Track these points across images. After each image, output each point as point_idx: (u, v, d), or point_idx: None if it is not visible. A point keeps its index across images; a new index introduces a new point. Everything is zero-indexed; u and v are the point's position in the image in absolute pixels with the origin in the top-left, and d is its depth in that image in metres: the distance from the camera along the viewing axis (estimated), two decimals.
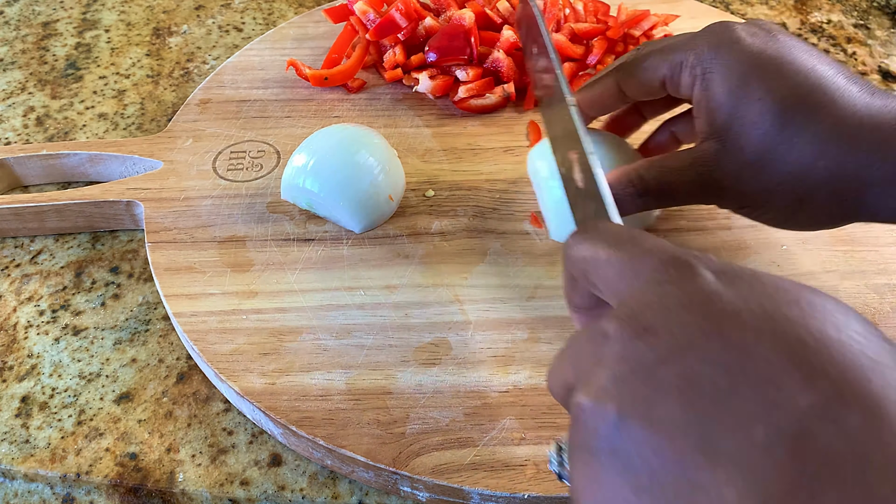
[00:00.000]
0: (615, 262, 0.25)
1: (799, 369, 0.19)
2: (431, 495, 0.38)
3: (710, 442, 0.19)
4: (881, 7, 0.72)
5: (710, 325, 0.21)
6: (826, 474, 0.17)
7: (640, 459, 0.20)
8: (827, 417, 0.18)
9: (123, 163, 0.53)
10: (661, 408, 0.20)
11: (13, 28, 0.69)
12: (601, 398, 0.21)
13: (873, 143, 0.34)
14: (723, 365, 0.19)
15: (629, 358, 0.21)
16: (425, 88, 0.56)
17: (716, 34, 0.38)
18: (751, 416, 0.18)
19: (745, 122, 0.36)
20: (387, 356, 0.41)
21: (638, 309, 0.22)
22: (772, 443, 0.18)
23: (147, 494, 0.39)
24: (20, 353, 0.45)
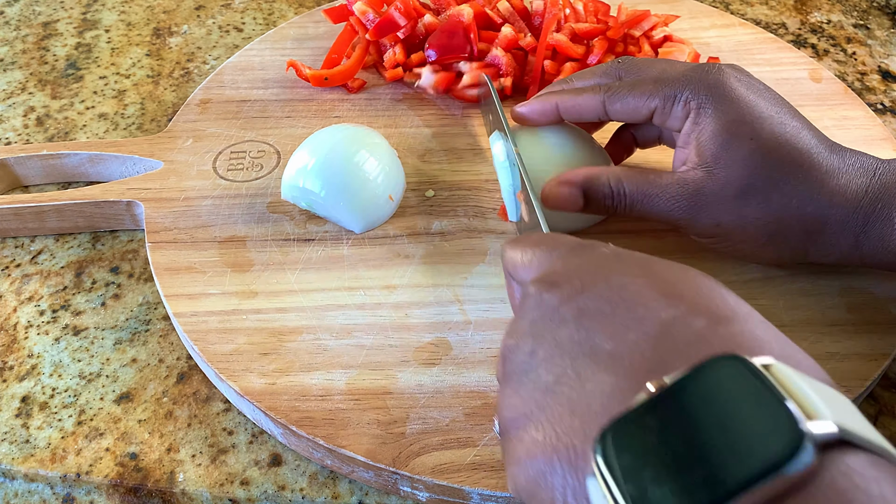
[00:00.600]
0: (537, 253, 0.31)
1: (663, 295, 0.25)
2: (431, 495, 0.38)
3: (595, 348, 0.24)
4: (881, 7, 0.72)
5: (598, 275, 0.27)
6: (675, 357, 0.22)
7: (546, 371, 0.25)
8: (681, 322, 0.23)
9: (123, 163, 0.53)
10: (562, 333, 0.26)
11: (13, 28, 0.69)
12: (519, 337, 0.27)
13: (832, 192, 0.39)
14: (606, 298, 0.25)
15: (540, 306, 0.27)
16: (428, 83, 0.56)
17: (711, 75, 0.41)
18: (625, 327, 0.24)
19: (733, 161, 0.39)
20: (387, 356, 0.41)
21: (549, 273, 0.28)
22: (639, 341, 0.23)
23: (147, 494, 0.39)
24: (20, 353, 0.45)
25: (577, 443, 0.22)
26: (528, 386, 0.26)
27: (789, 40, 0.67)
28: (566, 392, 0.24)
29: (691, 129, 0.40)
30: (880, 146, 0.53)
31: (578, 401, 0.23)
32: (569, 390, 0.24)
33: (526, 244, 0.32)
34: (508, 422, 0.26)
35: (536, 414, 0.24)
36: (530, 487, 0.24)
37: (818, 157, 0.39)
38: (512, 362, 0.27)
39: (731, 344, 0.22)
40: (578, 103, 0.44)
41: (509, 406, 0.26)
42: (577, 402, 0.23)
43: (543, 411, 0.24)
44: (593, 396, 0.23)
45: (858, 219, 0.39)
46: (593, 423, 0.22)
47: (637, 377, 0.22)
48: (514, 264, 0.32)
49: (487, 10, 0.58)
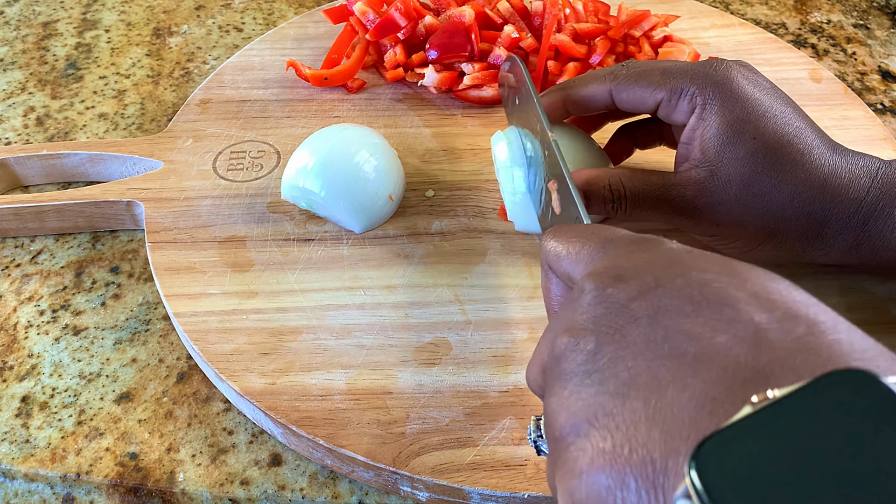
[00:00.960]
0: (587, 244, 0.28)
1: (754, 297, 0.22)
2: (431, 495, 0.38)
3: (676, 349, 0.22)
4: (881, 7, 0.72)
5: (674, 270, 0.24)
6: (778, 367, 0.20)
7: (615, 373, 0.22)
8: (778, 328, 0.21)
9: (123, 163, 0.53)
10: (634, 332, 0.23)
11: (13, 28, 0.69)
12: (580, 335, 0.24)
13: (833, 192, 0.39)
14: (686, 296, 0.23)
15: (603, 302, 0.24)
16: (431, 82, 0.56)
17: (718, 70, 0.40)
18: (713, 329, 0.21)
19: (737, 158, 0.39)
20: (387, 356, 0.41)
21: (610, 267, 0.26)
22: (731, 345, 0.21)
23: (147, 494, 0.39)
24: (20, 353, 0.45)
25: (657, 456, 0.20)
26: (592, 388, 0.23)
27: (789, 40, 0.67)
28: (642, 397, 0.21)
29: (696, 124, 0.40)
30: (880, 146, 0.53)
31: (658, 408, 0.21)
32: (645, 395, 0.21)
33: (572, 235, 0.29)
34: (565, 428, 0.23)
35: (603, 421, 0.22)
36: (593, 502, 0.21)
37: (820, 157, 0.39)
38: (569, 360, 0.24)
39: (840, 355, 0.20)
40: (585, 94, 0.44)
41: (567, 410, 0.23)
42: (657, 410, 0.21)
43: (612, 418, 0.22)
44: (677, 404, 0.20)
45: (859, 218, 0.39)
46: (678, 434, 0.20)
47: (733, 385, 0.20)
48: (557, 256, 0.29)
49: (488, 10, 0.58)
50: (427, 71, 0.56)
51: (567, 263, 0.29)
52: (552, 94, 0.45)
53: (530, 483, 0.36)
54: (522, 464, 0.37)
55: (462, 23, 0.56)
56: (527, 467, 0.37)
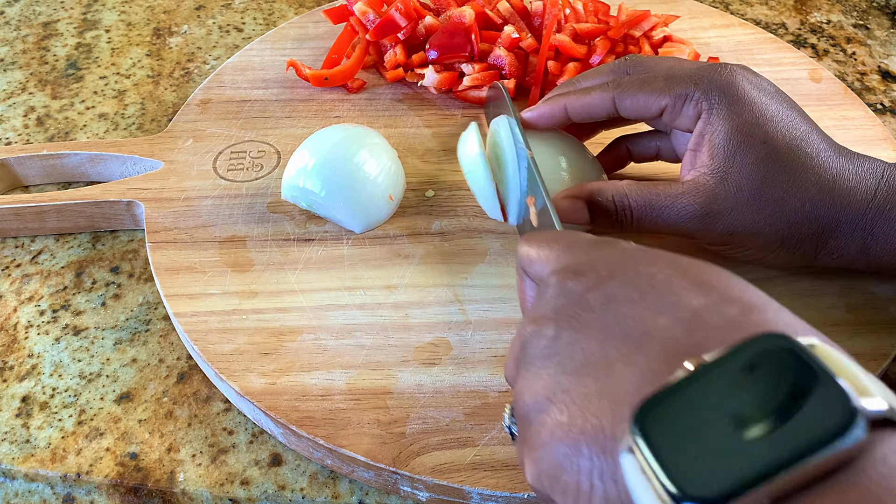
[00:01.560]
0: (555, 248, 0.30)
1: (694, 285, 0.25)
2: (431, 495, 0.38)
3: (624, 331, 0.24)
4: (881, 7, 0.72)
5: (625, 264, 0.27)
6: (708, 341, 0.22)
7: (572, 354, 0.25)
8: (714, 310, 0.23)
9: (124, 163, 0.53)
10: (588, 318, 0.25)
11: (13, 28, 0.69)
12: (542, 322, 0.27)
13: (842, 195, 0.39)
14: (634, 286, 0.25)
15: (564, 293, 0.27)
16: (431, 82, 0.56)
17: (723, 75, 0.40)
18: (656, 312, 0.24)
19: (746, 165, 0.39)
20: (387, 356, 0.41)
21: (571, 264, 0.28)
22: (671, 325, 0.23)
23: (147, 494, 0.39)
24: (20, 353, 0.45)
25: (606, 424, 0.22)
26: (552, 369, 0.25)
27: (789, 40, 0.67)
28: (593, 374, 0.24)
29: (703, 130, 0.40)
30: (880, 146, 0.53)
31: (607, 383, 0.23)
32: (596, 372, 0.24)
33: (542, 240, 0.31)
34: (529, 407, 0.25)
35: (560, 397, 0.24)
36: (553, 472, 0.24)
37: (828, 160, 0.39)
38: (533, 346, 0.26)
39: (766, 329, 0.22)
40: (588, 102, 0.43)
41: (530, 390, 0.26)
42: (606, 384, 0.23)
43: (568, 394, 0.24)
44: (623, 378, 0.23)
45: (867, 221, 0.39)
46: (624, 403, 0.22)
47: (671, 359, 0.22)
48: (529, 260, 0.32)
49: (488, 10, 0.58)
50: (427, 71, 0.56)
51: (538, 266, 0.31)
52: (553, 100, 0.45)
53: None
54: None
55: (462, 23, 0.56)
56: None
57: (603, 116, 0.44)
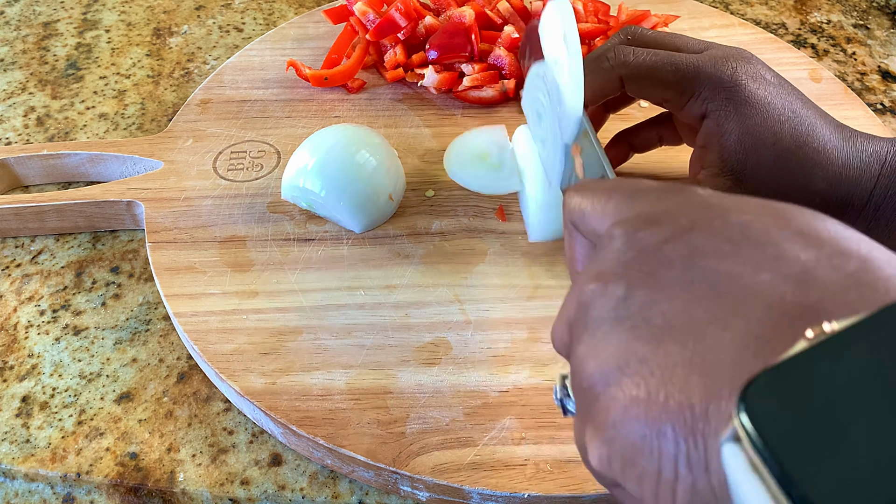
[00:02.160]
0: (615, 198, 0.26)
1: (799, 235, 0.20)
2: (431, 495, 0.38)
3: (715, 290, 0.20)
4: (881, 7, 0.72)
5: (711, 212, 0.22)
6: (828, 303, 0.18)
7: (648, 318, 0.21)
8: (828, 265, 0.19)
9: (124, 163, 0.53)
10: (667, 275, 0.21)
11: (14, 28, 0.69)
12: (608, 279, 0.22)
13: (848, 183, 0.40)
14: (725, 236, 0.21)
15: (634, 246, 0.23)
16: (431, 82, 0.56)
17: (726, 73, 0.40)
18: (755, 268, 0.20)
19: (760, 167, 0.39)
20: (387, 356, 0.41)
21: (640, 213, 0.24)
22: (776, 283, 0.19)
23: (147, 494, 0.39)
24: (21, 353, 0.45)
25: (697, 401, 0.19)
26: (623, 335, 0.21)
27: (789, 40, 0.67)
28: (678, 341, 0.20)
29: (711, 130, 0.41)
30: None
31: (696, 351, 0.19)
32: (682, 339, 0.20)
33: (598, 188, 0.27)
34: (595, 378, 0.22)
35: (636, 367, 0.20)
36: (628, 455, 0.20)
37: (834, 150, 0.40)
38: (598, 308, 0.22)
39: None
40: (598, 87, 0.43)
41: (595, 359, 0.22)
42: (695, 353, 0.19)
43: (646, 363, 0.20)
44: (718, 346, 0.19)
45: (870, 207, 0.40)
46: (719, 377, 0.18)
47: (780, 324, 0.18)
48: (582, 212, 0.27)
49: (487, 10, 0.58)
50: (427, 71, 0.56)
51: (593, 218, 0.26)
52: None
53: (530, 483, 0.36)
54: (522, 464, 0.37)
55: (462, 23, 0.56)
56: (527, 467, 0.37)
57: (613, 94, 0.44)
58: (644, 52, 0.42)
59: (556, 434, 0.38)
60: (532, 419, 0.39)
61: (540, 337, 0.42)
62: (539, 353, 0.42)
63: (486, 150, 0.49)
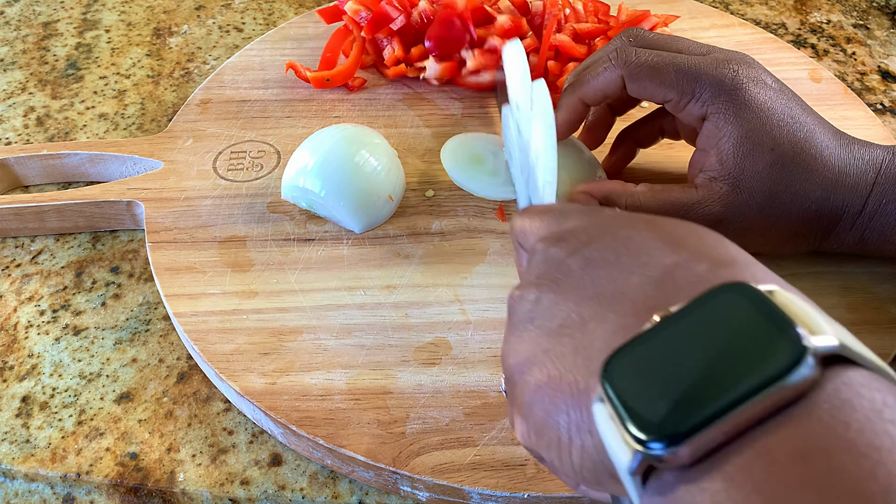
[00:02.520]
0: (545, 219, 0.31)
1: (667, 244, 0.25)
2: (431, 495, 0.38)
3: (598, 291, 0.25)
4: (881, 7, 0.72)
5: (605, 229, 0.28)
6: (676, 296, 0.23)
7: (551, 316, 0.26)
8: (684, 267, 0.24)
9: (124, 163, 0.53)
10: (567, 282, 0.26)
11: (13, 28, 0.69)
12: (525, 288, 0.28)
13: (844, 189, 0.40)
14: (611, 248, 0.26)
15: (547, 259, 0.28)
16: (433, 73, 0.56)
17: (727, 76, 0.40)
18: (628, 272, 0.25)
19: (757, 172, 0.40)
20: (387, 356, 0.41)
21: (556, 231, 0.29)
22: (642, 283, 0.24)
23: (147, 494, 0.39)
24: (20, 353, 0.45)
25: (581, 379, 0.23)
26: (533, 332, 0.26)
27: (789, 40, 0.67)
28: (569, 333, 0.25)
29: (711, 133, 0.41)
30: None
31: (581, 340, 0.24)
32: (571, 331, 0.25)
33: (534, 212, 0.33)
34: (513, 368, 0.27)
35: (540, 357, 0.25)
36: (538, 428, 0.25)
37: (831, 157, 0.40)
38: (517, 311, 0.28)
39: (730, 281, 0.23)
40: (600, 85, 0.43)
41: (514, 353, 0.27)
42: (580, 342, 0.24)
43: (547, 353, 0.25)
44: (596, 335, 0.24)
45: (865, 214, 0.41)
46: (596, 358, 0.23)
47: (640, 314, 0.23)
48: (523, 232, 0.33)
49: (487, 7, 0.58)
50: (428, 63, 0.56)
51: (529, 236, 0.32)
52: (568, 98, 0.45)
53: (530, 483, 0.36)
54: (522, 464, 0.37)
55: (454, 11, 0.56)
56: (527, 467, 0.37)
57: (615, 95, 0.44)
58: (646, 53, 0.42)
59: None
60: None
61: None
62: None
63: (482, 155, 0.51)
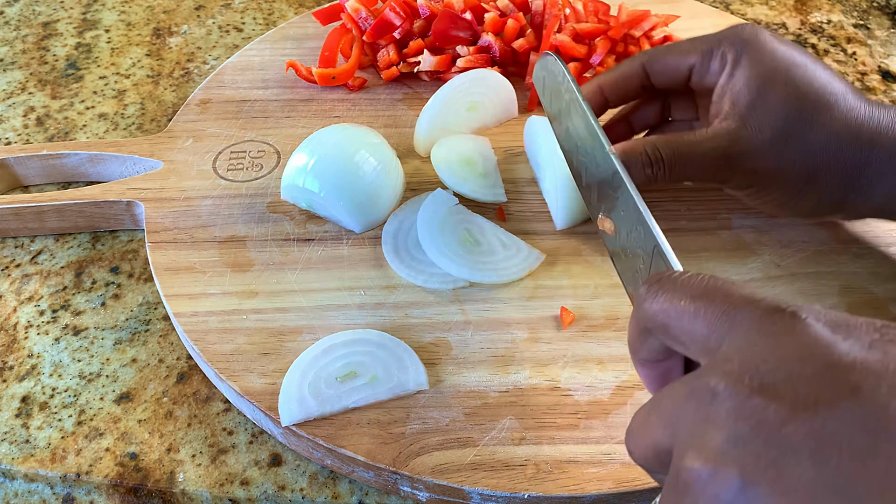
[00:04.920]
0: (705, 313, 0.23)
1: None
2: (431, 495, 0.38)
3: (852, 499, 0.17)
4: (881, 7, 0.72)
5: (837, 379, 0.19)
6: None
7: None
8: None
9: (123, 163, 0.53)
10: (793, 470, 0.18)
11: (13, 28, 0.69)
12: (720, 462, 0.20)
13: (869, 138, 0.39)
14: (859, 422, 0.18)
15: (748, 417, 0.20)
16: (428, 65, 0.57)
17: (746, 30, 0.42)
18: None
19: (768, 106, 0.40)
20: None
21: (747, 363, 0.21)
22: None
23: (147, 494, 0.39)
24: (20, 353, 0.45)
25: None
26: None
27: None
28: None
29: (726, 80, 0.41)
30: None
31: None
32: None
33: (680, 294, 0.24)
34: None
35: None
36: None
37: (855, 104, 0.40)
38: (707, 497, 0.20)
39: None
40: (621, 75, 0.45)
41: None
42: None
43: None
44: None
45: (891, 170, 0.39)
46: None
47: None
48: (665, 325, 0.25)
49: (484, 4, 0.59)
50: (423, 56, 0.57)
51: (678, 331, 0.24)
52: (588, 86, 0.46)
53: (530, 483, 0.36)
54: (522, 464, 0.37)
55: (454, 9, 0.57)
56: (527, 467, 0.37)
57: (637, 87, 0.45)
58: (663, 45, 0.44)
59: (556, 434, 0.38)
60: (532, 419, 0.39)
61: (540, 337, 0.42)
62: (539, 353, 0.42)
63: (472, 157, 0.51)
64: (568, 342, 0.42)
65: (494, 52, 0.57)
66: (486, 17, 0.57)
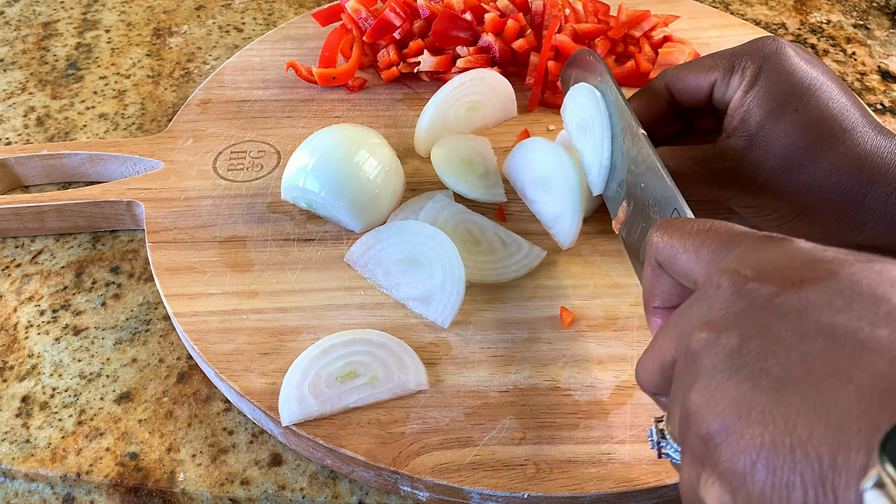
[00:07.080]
0: (709, 243, 0.27)
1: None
2: (431, 495, 0.38)
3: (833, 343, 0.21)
4: (881, 7, 0.72)
5: (819, 266, 0.23)
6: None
7: (766, 369, 0.21)
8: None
9: (124, 163, 0.53)
10: (781, 327, 0.22)
11: (14, 28, 0.69)
12: (720, 329, 0.23)
13: (869, 176, 0.39)
14: (836, 291, 0.22)
15: (745, 296, 0.23)
16: (428, 65, 0.57)
17: (769, 44, 0.41)
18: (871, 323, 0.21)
19: (777, 128, 0.39)
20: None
21: (745, 263, 0.25)
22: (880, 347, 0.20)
23: (147, 494, 0.39)
24: (21, 353, 0.45)
25: (824, 451, 0.19)
26: (741, 385, 0.22)
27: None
28: (798, 392, 0.20)
29: (741, 97, 0.41)
30: None
31: (818, 403, 0.20)
32: (802, 390, 0.20)
33: (688, 231, 0.28)
34: (713, 426, 0.22)
35: (757, 417, 0.21)
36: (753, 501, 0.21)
37: (863, 136, 0.39)
38: (712, 357, 0.23)
39: None
40: (647, 101, 0.45)
41: (713, 407, 0.22)
42: (817, 405, 0.20)
43: (767, 414, 0.21)
44: (842, 398, 0.20)
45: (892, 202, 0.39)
46: (846, 429, 0.19)
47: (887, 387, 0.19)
48: (672, 254, 0.28)
49: (484, 4, 0.59)
50: (423, 57, 0.57)
51: (685, 261, 0.28)
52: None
53: (530, 483, 0.36)
54: (522, 464, 0.37)
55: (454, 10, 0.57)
56: (527, 467, 0.37)
57: (664, 109, 0.45)
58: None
59: (556, 434, 0.38)
60: (532, 419, 0.39)
61: (539, 337, 0.42)
62: (539, 353, 0.42)
63: (472, 157, 0.51)
64: (568, 342, 0.42)
65: (494, 52, 0.57)
66: (486, 17, 0.57)
